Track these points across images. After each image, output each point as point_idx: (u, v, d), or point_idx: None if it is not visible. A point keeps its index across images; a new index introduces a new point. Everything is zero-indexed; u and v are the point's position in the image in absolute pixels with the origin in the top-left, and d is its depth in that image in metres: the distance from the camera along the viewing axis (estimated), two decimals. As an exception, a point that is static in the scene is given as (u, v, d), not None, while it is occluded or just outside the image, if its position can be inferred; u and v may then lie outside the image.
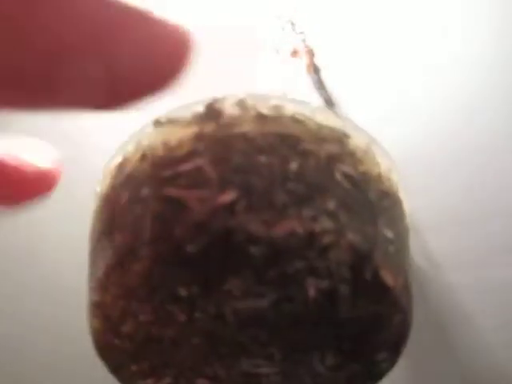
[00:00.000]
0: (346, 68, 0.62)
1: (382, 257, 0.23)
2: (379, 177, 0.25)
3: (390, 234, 0.24)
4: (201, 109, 0.24)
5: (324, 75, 0.63)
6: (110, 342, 0.26)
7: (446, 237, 0.61)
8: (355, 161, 0.24)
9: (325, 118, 0.25)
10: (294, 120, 0.24)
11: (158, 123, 0.25)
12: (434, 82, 0.61)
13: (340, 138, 0.25)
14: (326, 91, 0.63)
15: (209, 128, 0.24)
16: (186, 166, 0.23)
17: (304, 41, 0.62)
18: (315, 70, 0.63)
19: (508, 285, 0.60)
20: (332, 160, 0.24)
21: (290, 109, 0.25)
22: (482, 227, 0.60)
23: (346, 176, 0.24)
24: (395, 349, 0.24)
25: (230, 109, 0.24)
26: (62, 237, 0.63)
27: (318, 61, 0.63)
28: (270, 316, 0.23)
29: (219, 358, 0.24)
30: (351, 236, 0.22)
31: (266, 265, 0.21)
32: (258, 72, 0.62)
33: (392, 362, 0.23)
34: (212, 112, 0.24)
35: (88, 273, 0.26)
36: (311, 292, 0.22)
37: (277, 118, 0.24)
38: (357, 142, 0.25)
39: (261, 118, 0.24)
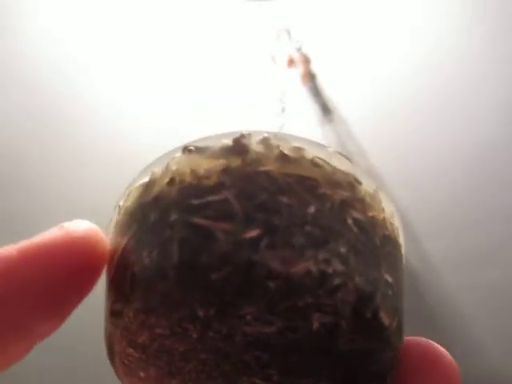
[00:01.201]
0: (341, 75, 0.64)
1: (382, 299, 0.25)
2: (384, 222, 0.27)
3: (390, 278, 0.26)
4: (229, 142, 0.26)
5: (320, 82, 0.64)
6: (124, 349, 0.28)
7: (443, 241, 0.62)
8: (365, 206, 0.26)
9: (339, 163, 0.26)
10: (313, 163, 0.26)
11: (187, 150, 0.27)
12: (427, 91, 0.62)
13: (352, 184, 0.27)
14: (323, 98, 0.65)
15: (235, 163, 0.26)
16: (214, 197, 0.25)
17: (300, 49, 0.64)
18: (311, 77, 0.65)
19: (505, 287, 0.62)
20: (345, 205, 0.26)
21: (310, 152, 0.27)
22: (479, 231, 0.62)
23: (356, 221, 0.26)
24: (383, 380, 0.26)
25: (255, 146, 0.26)
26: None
27: (313, 68, 0.64)
28: (275, 341, 0.26)
29: (222, 373, 0.26)
30: (358, 279, 0.25)
31: (280, 297, 0.24)
32: (256, 80, 0.63)
33: None
34: (239, 147, 0.26)
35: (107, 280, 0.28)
36: (315, 325, 0.24)
37: (298, 159, 0.26)
38: (366, 187, 0.27)
39: (283, 158, 0.26)
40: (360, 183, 0.26)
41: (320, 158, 0.26)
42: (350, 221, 0.25)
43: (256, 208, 0.25)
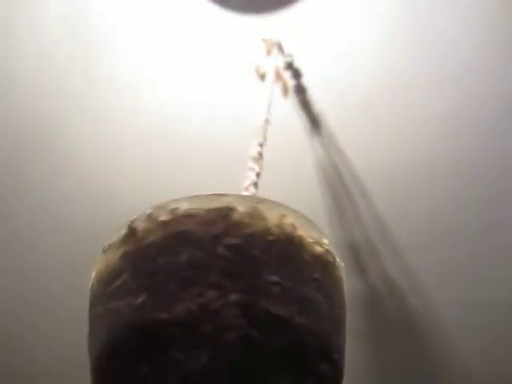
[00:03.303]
0: (331, 88, 0.64)
1: (267, 299, 0.30)
2: (266, 229, 0.31)
3: (275, 277, 0.30)
4: (124, 231, 0.33)
5: (309, 96, 0.64)
6: None
7: (429, 255, 0.62)
8: (241, 228, 0.31)
9: (212, 202, 0.32)
10: (187, 215, 0.32)
11: (103, 250, 0.34)
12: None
13: (225, 215, 0.31)
14: (312, 111, 0.65)
15: (129, 246, 0.32)
16: (117, 283, 0.32)
17: (290, 63, 0.63)
18: (300, 90, 0.65)
19: (493, 302, 0.61)
20: (216, 239, 0.31)
21: (183, 207, 0.32)
22: (467, 244, 0.62)
23: (229, 246, 0.31)
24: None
25: (141, 224, 0.32)
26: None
27: (303, 82, 0.64)
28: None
29: None
30: (233, 296, 0.30)
31: (183, 341, 0.29)
32: (244, 94, 0.63)
33: None
34: (130, 231, 0.32)
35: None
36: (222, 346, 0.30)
37: (173, 219, 0.32)
38: (241, 210, 0.32)
39: (162, 224, 0.32)
40: (234, 210, 0.31)
41: (193, 208, 0.32)
42: (221, 250, 0.30)
43: (144, 277, 0.31)
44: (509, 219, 0.60)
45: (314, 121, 0.65)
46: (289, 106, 0.64)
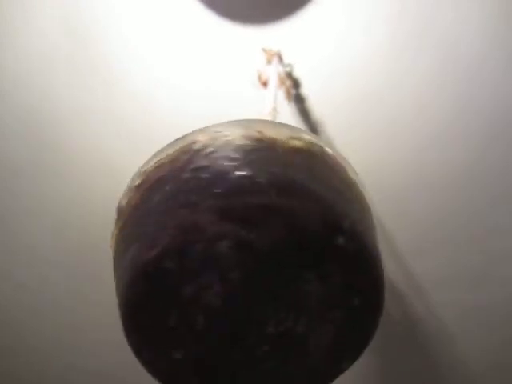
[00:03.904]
0: (329, 97, 0.65)
1: (241, 195, 0.30)
2: (228, 142, 0.32)
3: (243, 173, 0.30)
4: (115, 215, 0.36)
5: (307, 105, 0.65)
6: None
7: (429, 259, 0.62)
8: (204, 152, 0.33)
9: (176, 145, 0.35)
10: (155, 167, 0.35)
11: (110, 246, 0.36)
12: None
13: (187, 150, 0.34)
14: (310, 121, 0.65)
15: (120, 222, 0.35)
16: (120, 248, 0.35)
17: (289, 73, 0.64)
18: (300, 100, 0.66)
19: (493, 305, 0.62)
20: (181, 171, 0.33)
21: (151, 163, 0.37)
22: (466, 248, 0.62)
23: (194, 170, 0.32)
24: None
25: (123, 200, 0.36)
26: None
27: (302, 91, 0.65)
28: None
29: None
30: (205, 206, 0.30)
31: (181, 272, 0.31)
32: (245, 102, 0.64)
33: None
34: (118, 211, 0.36)
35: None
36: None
37: (145, 179, 0.35)
38: (202, 139, 0.33)
39: (138, 187, 0.36)
40: (195, 142, 0.33)
41: (161, 159, 0.35)
42: (186, 175, 0.32)
43: (135, 234, 0.33)
44: (507, 222, 0.61)
45: (312, 130, 0.66)
46: (287, 115, 0.65)
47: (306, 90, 0.65)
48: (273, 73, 0.59)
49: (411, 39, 0.60)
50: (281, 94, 0.61)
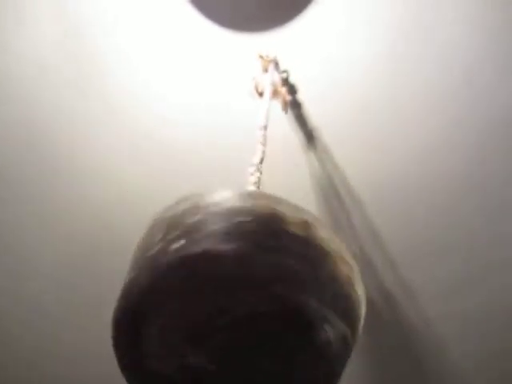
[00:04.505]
0: (326, 103, 0.64)
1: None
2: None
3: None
4: None
5: (304, 111, 0.65)
6: None
7: (424, 268, 0.63)
8: None
9: None
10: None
11: None
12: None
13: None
14: (307, 126, 0.65)
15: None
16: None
17: (286, 79, 0.64)
18: (296, 106, 0.66)
19: (481, 314, 0.62)
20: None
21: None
22: (456, 258, 0.62)
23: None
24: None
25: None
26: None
27: (298, 97, 0.65)
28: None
29: None
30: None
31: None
32: (241, 110, 0.64)
33: None
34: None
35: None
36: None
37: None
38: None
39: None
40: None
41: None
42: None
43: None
44: (506, 233, 0.61)
45: (309, 135, 0.66)
46: (284, 121, 0.65)
47: (301, 95, 0.65)
48: (268, 83, 0.59)
49: (410, 48, 0.60)
50: (277, 105, 0.61)
